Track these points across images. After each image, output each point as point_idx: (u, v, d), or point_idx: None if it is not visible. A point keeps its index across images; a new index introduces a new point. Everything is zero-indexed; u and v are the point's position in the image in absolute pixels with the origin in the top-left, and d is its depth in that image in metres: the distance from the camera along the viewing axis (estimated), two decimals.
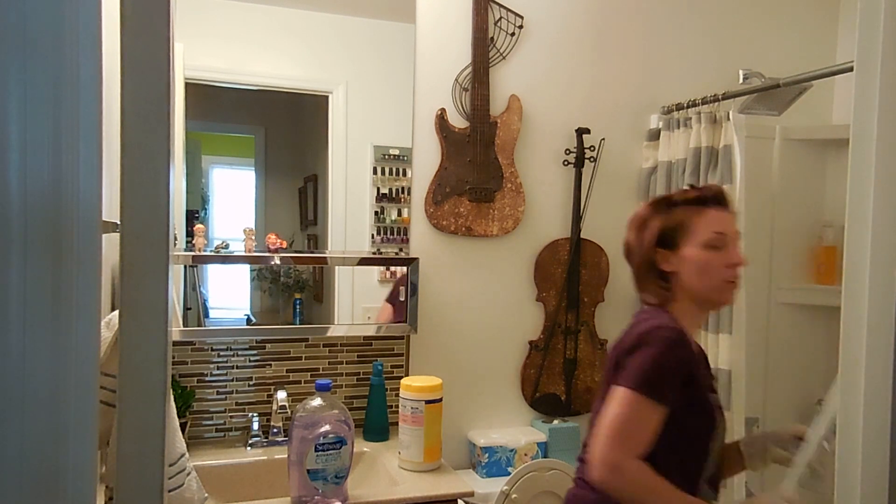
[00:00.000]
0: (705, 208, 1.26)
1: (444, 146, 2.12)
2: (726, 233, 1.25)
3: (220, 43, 1.92)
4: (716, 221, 1.25)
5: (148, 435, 0.61)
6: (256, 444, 1.87)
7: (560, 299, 2.26)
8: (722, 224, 1.25)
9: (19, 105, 0.44)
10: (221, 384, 1.93)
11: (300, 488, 1.48)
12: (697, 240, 1.25)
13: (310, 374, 2.00)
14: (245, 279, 2.04)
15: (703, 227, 1.25)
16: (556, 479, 1.93)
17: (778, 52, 2.52)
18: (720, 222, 1.25)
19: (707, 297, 1.27)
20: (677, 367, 1.18)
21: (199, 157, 1.96)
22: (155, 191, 0.61)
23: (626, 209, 2.37)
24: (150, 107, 0.60)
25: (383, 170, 2.08)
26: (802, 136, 2.54)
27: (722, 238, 1.24)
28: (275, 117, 2.03)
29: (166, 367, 0.63)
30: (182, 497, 1.18)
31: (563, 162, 2.27)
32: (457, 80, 2.14)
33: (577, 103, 2.29)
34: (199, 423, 1.92)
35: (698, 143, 2.14)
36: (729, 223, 1.27)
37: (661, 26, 2.39)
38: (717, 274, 1.24)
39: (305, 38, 2.00)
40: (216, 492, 1.63)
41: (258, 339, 1.97)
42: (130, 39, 0.60)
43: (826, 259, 2.50)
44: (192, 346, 1.90)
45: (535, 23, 2.23)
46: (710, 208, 1.26)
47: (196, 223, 1.89)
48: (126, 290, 0.61)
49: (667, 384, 1.16)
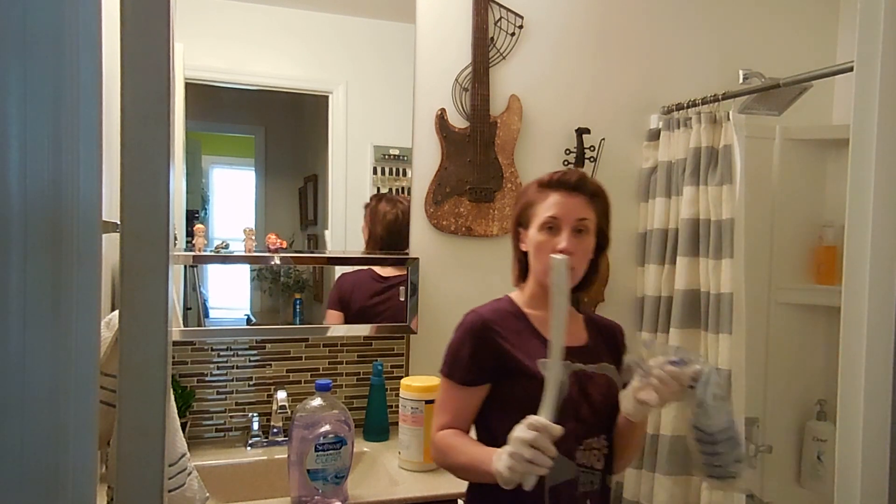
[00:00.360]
0: (551, 191, 1.27)
1: (444, 146, 2.12)
2: (560, 217, 1.24)
3: (220, 43, 1.92)
4: (554, 205, 1.25)
5: (148, 435, 0.61)
6: (256, 444, 1.87)
7: None
8: (558, 208, 1.24)
9: (19, 105, 0.44)
10: (221, 384, 1.93)
11: (300, 488, 1.48)
12: (537, 221, 1.27)
13: (310, 374, 2.00)
14: (245, 279, 2.04)
15: (543, 209, 1.27)
16: None
17: (778, 52, 2.52)
18: (557, 206, 1.25)
19: (540, 280, 1.29)
20: (472, 350, 1.24)
21: (199, 157, 1.96)
22: (155, 191, 0.61)
23: (626, 209, 2.38)
24: (150, 107, 0.60)
25: (383, 170, 2.08)
26: (802, 136, 2.54)
27: (555, 222, 1.24)
28: (275, 117, 2.03)
29: (166, 367, 0.63)
30: (183, 497, 1.18)
31: (564, 162, 2.27)
32: (457, 80, 2.14)
33: (577, 103, 2.29)
34: (199, 423, 1.92)
35: (698, 143, 2.14)
36: (569, 208, 1.25)
37: (661, 26, 2.39)
38: (544, 258, 1.24)
39: (305, 38, 2.00)
40: (216, 492, 1.62)
41: (258, 339, 1.97)
42: (130, 39, 0.60)
43: (826, 259, 2.50)
44: (192, 346, 1.90)
45: (535, 23, 2.23)
46: (554, 192, 1.27)
47: (196, 223, 1.89)
48: (126, 290, 0.61)
49: (462, 367, 1.24)
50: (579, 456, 1.24)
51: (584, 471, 1.24)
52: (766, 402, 2.54)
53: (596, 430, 1.26)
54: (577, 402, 1.23)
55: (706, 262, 2.10)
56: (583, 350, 1.30)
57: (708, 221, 2.10)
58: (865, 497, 0.74)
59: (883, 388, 0.72)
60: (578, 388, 1.24)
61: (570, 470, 1.22)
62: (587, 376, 1.27)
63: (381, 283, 2.07)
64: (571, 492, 1.23)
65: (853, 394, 0.75)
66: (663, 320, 2.21)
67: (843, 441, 0.77)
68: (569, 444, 1.21)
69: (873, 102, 0.73)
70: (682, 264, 2.15)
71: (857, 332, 0.75)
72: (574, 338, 1.31)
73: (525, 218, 1.31)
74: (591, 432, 1.25)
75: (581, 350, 1.30)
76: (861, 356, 0.74)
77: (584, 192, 1.27)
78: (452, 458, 1.21)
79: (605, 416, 1.27)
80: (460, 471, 1.23)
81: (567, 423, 1.10)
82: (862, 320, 0.74)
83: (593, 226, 1.28)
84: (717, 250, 2.07)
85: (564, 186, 1.27)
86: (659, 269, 2.25)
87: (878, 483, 0.73)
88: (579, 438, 1.24)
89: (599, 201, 1.30)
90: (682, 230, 2.16)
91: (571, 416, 1.20)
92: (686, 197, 2.16)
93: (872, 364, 0.73)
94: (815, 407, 2.55)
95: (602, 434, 1.27)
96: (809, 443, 2.54)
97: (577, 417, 1.22)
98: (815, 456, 2.52)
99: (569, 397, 1.20)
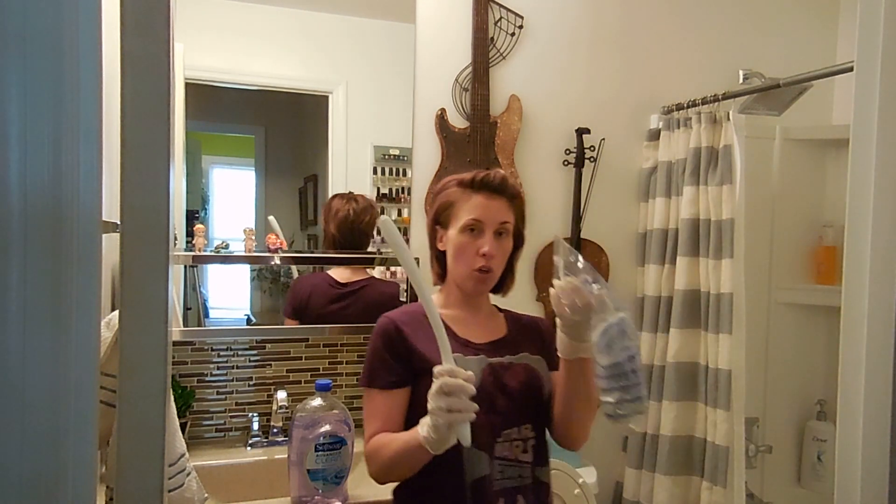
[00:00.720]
0: (474, 192, 1.26)
1: (444, 146, 2.12)
2: (483, 220, 1.24)
3: (220, 43, 1.92)
4: (477, 207, 1.24)
5: (148, 435, 0.61)
6: (256, 444, 1.87)
7: None
8: (481, 211, 1.24)
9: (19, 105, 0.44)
10: (221, 384, 1.93)
11: (300, 488, 1.48)
12: (458, 223, 1.25)
13: (310, 374, 2.00)
14: (245, 279, 2.04)
15: (465, 210, 1.25)
16: (556, 479, 1.93)
17: (778, 52, 2.52)
18: (480, 209, 1.24)
19: (459, 283, 1.29)
20: (386, 352, 1.23)
21: (199, 157, 1.96)
22: (155, 191, 0.61)
23: (626, 209, 2.38)
24: (150, 107, 0.60)
25: (383, 170, 2.08)
26: (802, 136, 2.54)
27: (477, 224, 1.24)
28: (275, 117, 2.03)
29: (166, 367, 0.63)
30: (182, 497, 1.18)
31: (563, 162, 2.28)
32: (457, 80, 2.14)
33: (577, 103, 2.29)
34: (199, 423, 1.92)
35: (698, 143, 2.14)
36: (492, 211, 1.24)
37: (661, 26, 2.39)
38: (466, 260, 1.24)
39: (305, 38, 2.00)
40: (216, 492, 1.62)
41: (258, 339, 1.97)
42: (130, 39, 0.60)
43: (826, 259, 2.50)
44: (192, 346, 1.90)
45: (535, 23, 2.23)
46: (478, 193, 1.25)
47: (196, 223, 1.89)
48: (126, 290, 0.61)
49: (380, 371, 1.23)
50: (499, 449, 1.21)
51: (508, 464, 1.21)
52: (766, 402, 2.54)
53: (516, 420, 1.23)
54: (492, 393, 1.21)
55: (706, 262, 2.10)
56: (501, 342, 1.30)
57: (708, 221, 2.10)
58: (865, 497, 0.74)
59: (883, 388, 0.72)
60: (494, 380, 1.22)
61: (485, 464, 1.19)
62: (503, 367, 1.24)
63: (339, 289, 2.02)
64: (488, 487, 1.19)
65: (853, 394, 0.75)
66: (663, 320, 2.21)
67: (843, 441, 0.77)
68: (485, 437, 1.19)
69: (873, 102, 0.72)
70: (682, 264, 2.15)
71: (857, 332, 0.75)
72: (492, 333, 1.31)
73: (444, 217, 1.30)
74: (511, 423, 1.22)
75: (499, 342, 1.29)
76: (861, 356, 0.74)
77: (506, 194, 1.27)
78: (384, 455, 1.17)
79: (527, 406, 1.25)
80: (395, 464, 1.16)
81: (482, 416, 1.08)
82: (862, 320, 0.74)
83: (512, 228, 1.28)
84: (717, 250, 2.07)
85: (488, 188, 1.26)
86: (659, 269, 2.25)
87: (878, 483, 0.73)
88: (497, 430, 1.21)
89: (518, 203, 1.30)
90: (682, 230, 2.16)
91: (487, 409, 1.17)
92: (686, 197, 2.16)
93: (872, 364, 0.73)
94: (815, 407, 2.55)
95: (525, 424, 1.24)
96: (809, 443, 2.54)
97: (493, 409, 1.20)
98: (815, 456, 2.52)
99: (482, 389, 1.17)
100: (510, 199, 1.28)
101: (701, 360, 2.14)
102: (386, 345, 1.24)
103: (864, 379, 0.74)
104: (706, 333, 2.11)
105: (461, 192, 1.27)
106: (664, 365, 2.17)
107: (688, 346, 2.14)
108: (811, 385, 2.59)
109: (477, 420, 1.13)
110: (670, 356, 2.15)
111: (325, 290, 2.02)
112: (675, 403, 2.13)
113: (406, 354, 1.23)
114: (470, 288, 1.28)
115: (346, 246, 2.01)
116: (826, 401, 2.54)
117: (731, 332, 2.00)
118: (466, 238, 1.24)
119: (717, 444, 2.03)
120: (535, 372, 1.27)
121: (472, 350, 1.25)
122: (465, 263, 1.25)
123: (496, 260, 1.25)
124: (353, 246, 2.01)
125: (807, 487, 2.55)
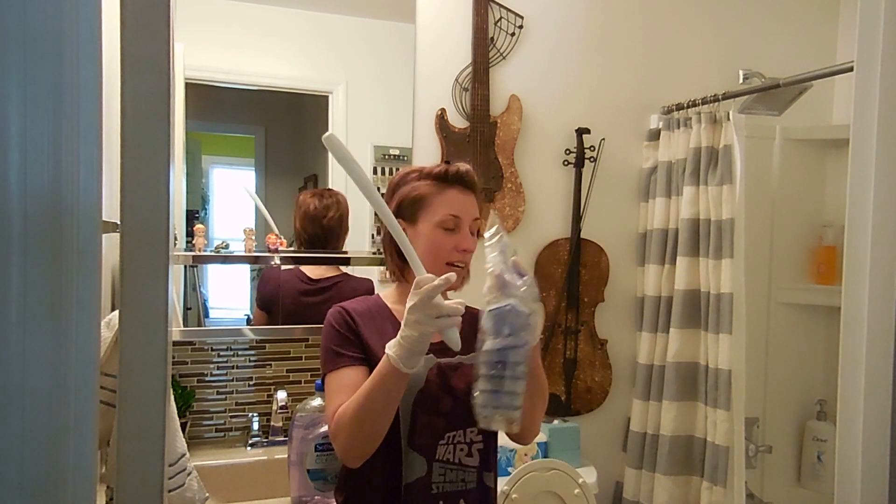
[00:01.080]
0: (448, 187, 1.22)
1: (444, 146, 2.12)
2: (461, 216, 1.21)
3: (220, 43, 1.92)
4: (454, 203, 1.21)
5: (148, 435, 0.61)
6: (256, 444, 1.87)
7: (560, 299, 2.26)
8: (459, 206, 1.21)
9: (19, 105, 0.44)
10: (221, 384, 1.93)
11: (300, 488, 1.48)
12: (433, 218, 1.21)
13: (310, 374, 2.00)
14: (245, 279, 2.04)
15: (441, 206, 1.21)
16: (556, 479, 1.93)
17: (778, 52, 2.52)
18: (458, 204, 1.21)
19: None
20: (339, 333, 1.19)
21: (199, 157, 1.96)
22: (155, 191, 0.61)
23: (626, 209, 2.38)
24: (150, 107, 0.60)
25: (383, 170, 2.08)
26: (802, 136, 2.54)
27: (456, 221, 1.20)
28: (275, 117, 2.03)
29: (166, 367, 0.63)
30: (183, 497, 1.18)
31: (563, 162, 2.28)
32: (457, 80, 2.14)
33: (577, 103, 2.29)
34: (199, 423, 1.92)
35: (698, 143, 2.14)
36: (468, 207, 1.22)
37: (661, 26, 2.39)
38: (444, 256, 1.20)
39: (305, 38, 2.00)
40: (216, 492, 1.62)
41: (258, 339, 1.97)
42: (130, 39, 0.60)
43: (826, 259, 2.50)
44: (192, 346, 1.90)
45: (535, 23, 2.23)
46: (452, 188, 1.22)
47: (196, 223, 1.89)
48: (126, 290, 0.61)
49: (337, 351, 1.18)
50: (441, 451, 1.17)
51: (450, 467, 1.18)
52: (766, 402, 2.54)
53: (461, 422, 1.19)
54: (437, 394, 1.17)
55: (706, 262, 2.10)
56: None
57: (708, 221, 2.10)
58: (865, 497, 0.74)
59: (883, 388, 0.72)
60: (440, 381, 1.18)
61: (422, 466, 1.16)
62: (452, 367, 1.20)
63: (310, 284, 1.99)
64: (426, 490, 1.16)
65: (853, 394, 0.75)
66: (663, 320, 2.21)
67: (843, 441, 0.77)
68: (426, 438, 1.16)
69: (873, 102, 0.73)
70: (683, 264, 2.15)
71: (857, 332, 0.75)
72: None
73: (411, 211, 1.23)
74: (455, 425, 1.19)
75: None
76: (861, 356, 0.74)
77: (475, 189, 1.25)
78: (349, 412, 1.09)
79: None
80: (364, 415, 1.07)
81: (424, 417, 1.06)
82: (862, 320, 0.74)
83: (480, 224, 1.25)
84: (717, 250, 2.07)
85: (462, 183, 1.23)
86: (659, 269, 2.25)
87: (878, 483, 0.73)
88: (440, 432, 1.18)
89: (480, 197, 1.28)
90: (682, 230, 2.16)
91: (430, 410, 1.15)
92: (686, 197, 2.16)
93: (872, 364, 0.73)
94: (815, 407, 2.55)
95: (471, 427, 1.20)
96: (809, 443, 2.54)
97: (436, 411, 1.17)
98: (815, 456, 2.52)
99: (427, 390, 1.15)
100: (478, 194, 1.26)
101: (701, 360, 2.14)
102: (342, 327, 1.21)
103: (864, 379, 0.74)
104: (706, 333, 2.11)
105: (432, 186, 1.23)
106: (664, 365, 2.17)
107: (688, 346, 2.14)
108: (811, 385, 2.59)
109: (419, 421, 1.10)
110: (670, 356, 2.15)
111: (294, 283, 1.99)
112: (675, 403, 2.13)
113: (358, 341, 1.20)
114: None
115: (315, 243, 1.97)
116: (826, 401, 2.54)
117: (731, 332, 2.00)
118: (442, 234, 1.20)
119: (717, 444, 2.03)
120: None
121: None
122: (442, 259, 1.20)
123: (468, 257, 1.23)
124: (321, 243, 1.97)
125: (807, 487, 2.55)
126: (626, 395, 2.36)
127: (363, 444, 1.11)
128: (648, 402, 2.22)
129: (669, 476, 2.12)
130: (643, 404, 2.24)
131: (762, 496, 2.50)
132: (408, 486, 1.16)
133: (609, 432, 2.37)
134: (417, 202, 1.23)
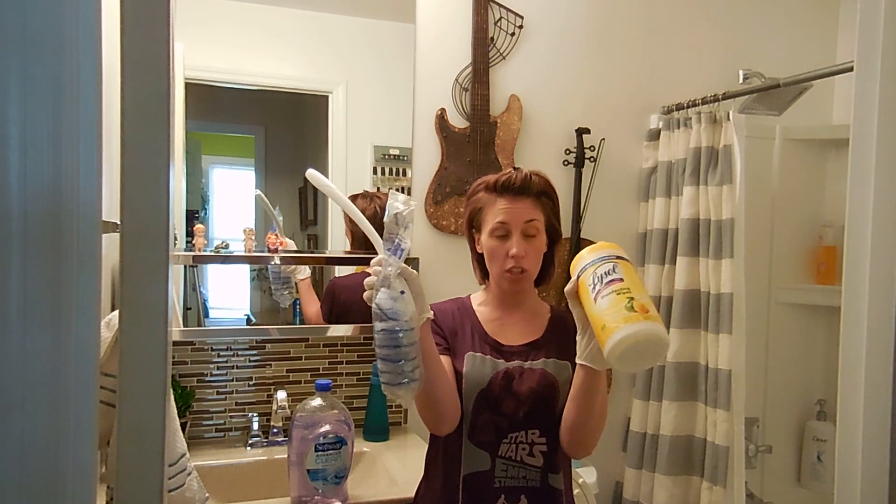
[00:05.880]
0: (497, 196, 1.28)
1: (444, 146, 2.12)
2: (509, 223, 1.26)
3: (220, 43, 1.92)
4: (501, 211, 1.26)
5: (148, 435, 0.61)
6: (256, 444, 1.87)
7: (560, 299, 2.26)
8: (505, 214, 1.26)
9: (19, 105, 0.44)
10: (221, 384, 1.93)
11: (300, 488, 1.48)
12: (487, 228, 1.29)
13: (310, 374, 2.00)
14: (245, 279, 2.04)
15: (491, 215, 1.28)
16: None
17: (778, 52, 2.52)
18: (504, 212, 1.26)
19: (496, 283, 1.32)
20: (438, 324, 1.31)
21: (199, 157, 1.96)
22: (155, 191, 0.61)
23: (626, 209, 2.38)
24: (150, 107, 0.60)
25: (383, 170, 2.08)
26: (802, 136, 2.54)
27: (504, 227, 1.26)
28: (275, 117, 2.03)
29: (166, 367, 0.63)
30: (183, 497, 1.18)
31: (563, 162, 2.27)
32: (457, 80, 2.14)
33: (577, 103, 2.29)
34: (199, 423, 1.92)
35: (698, 143, 2.15)
36: (517, 212, 1.26)
37: (661, 26, 2.39)
38: (498, 263, 1.28)
39: (305, 38, 2.00)
40: (216, 492, 1.62)
41: (258, 339, 1.97)
42: (130, 39, 0.60)
43: (826, 259, 2.50)
44: (192, 346, 1.90)
45: (535, 23, 2.23)
46: (502, 197, 1.27)
47: (196, 223, 1.89)
48: (126, 290, 0.61)
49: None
50: (504, 449, 1.25)
51: (512, 464, 1.25)
52: (766, 402, 2.54)
53: (522, 424, 1.26)
54: (499, 396, 1.25)
55: (706, 262, 2.10)
56: (532, 345, 1.31)
57: (708, 221, 2.10)
58: (865, 497, 0.74)
59: (883, 388, 0.72)
60: (504, 384, 1.26)
61: (485, 461, 1.25)
62: (519, 372, 1.27)
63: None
64: (487, 483, 1.24)
65: (853, 394, 0.75)
66: (663, 320, 2.21)
67: (843, 441, 0.76)
68: (488, 435, 1.25)
69: (873, 102, 0.72)
70: (682, 264, 2.15)
71: (857, 332, 0.75)
72: (526, 334, 1.32)
73: (477, 222, 1.33)
74: (517, 426, 1.26)
75: (529, 345, 1.31)
76: (861, 356, 0.74)
77: (530, 193, 1.28)
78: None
79: (535, 412, 1.26)
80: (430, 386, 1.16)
81: (486, 415, 1.19)
82: (862, 320, 0.74)
83: (542, 225, 1.29)
84: (717, 250, 2.07)
85: (510, 191, 1.27)
86: (659, 269, 2.25)
87: (878, 483, 0.73)
88: (502, 432, 1.25)
89: (547, 199, 1.31)
90: (682, 230, 2.16)
91: (492, 409, 1.25)
92: (686, 197, 2.16)
93: (872, 364, 0.73)
94: (815, 407, 2.55)
95: (533, 429, 1.26)
96: (809, 443, 2.54)
97: (497, 411, 1.25)
98: (815, 456, 2.52)
99: (488, 391, 1.24)
100: (536, 198, 1.29)
101: (701, 360, 2.14)
102: (441, 319, 1.33)
103: (864, 379, 0.74)
104: (706, 333, 2.11)
105: (487, 197, 1.30)
106: (664, 365, 2.17)
107: (688, 346, 2.14)
108: (811, 385, 2.59)
109: (481, 418, 1.21)
110: (670, 356, 2.15)
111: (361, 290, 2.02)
112: (675, 403, 2.13)
113: (441, 334, 1.31)
114: (506, 288, 1.31)
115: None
116: (826, 401, 2.54)
117: (731, 332, 2.01)
118: (495, 241, 1.27)
119: (717, 444, 2.03)
120: (551, 379, 1.27)
121: (496, 352, 1.29)
122: (498, 266, 1.28)
123: (528, 260, 1.26)
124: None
125: (807, 487, 2.55)
126: (625, 395, 2.36)
127: (426, 411, 1.22)
128: (648, 402, 2.22)
129: (669, 476, 2.12)
130: (643, 404, 2.24)
131: (762, 496, 2.50)
132: (469, 477, 1.25)
133: (609, 432, 2.37)
134: (477, 214, 1.32)
